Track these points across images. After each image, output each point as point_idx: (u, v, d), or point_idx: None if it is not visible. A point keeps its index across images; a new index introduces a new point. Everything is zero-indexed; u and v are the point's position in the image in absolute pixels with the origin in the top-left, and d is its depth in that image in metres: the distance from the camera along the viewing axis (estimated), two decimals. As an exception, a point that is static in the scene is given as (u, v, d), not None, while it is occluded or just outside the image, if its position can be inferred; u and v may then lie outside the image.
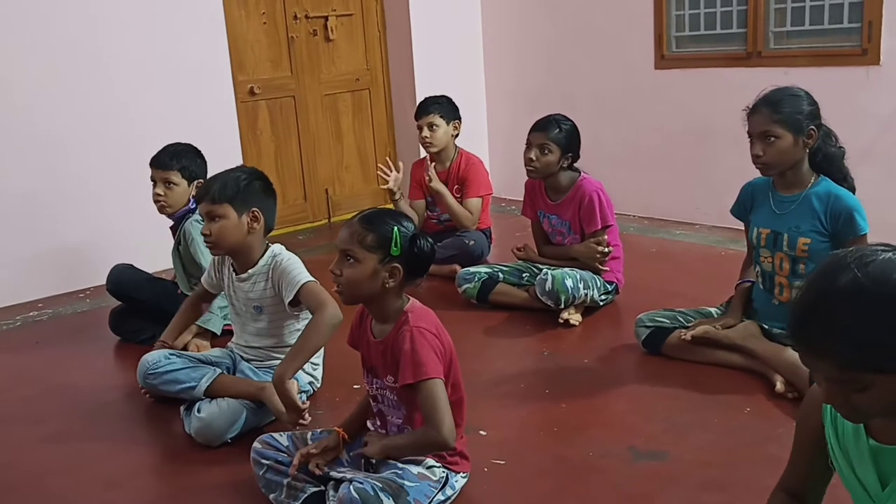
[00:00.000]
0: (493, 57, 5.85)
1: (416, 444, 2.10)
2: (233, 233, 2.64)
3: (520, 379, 2.99)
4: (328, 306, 2.49)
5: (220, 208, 2.62)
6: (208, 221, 2.64)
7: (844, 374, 1.23)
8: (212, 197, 2.62)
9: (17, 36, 4.12)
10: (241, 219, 2.64)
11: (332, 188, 5.61)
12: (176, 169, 3.32)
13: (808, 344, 1.26)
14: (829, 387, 1.28)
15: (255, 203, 2.67)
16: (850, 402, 1.27)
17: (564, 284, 3.37)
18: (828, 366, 1.24)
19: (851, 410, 1.30)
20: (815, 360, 1.26)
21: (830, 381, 1.27)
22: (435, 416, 2.02)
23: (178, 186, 3.30)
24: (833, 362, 1.23)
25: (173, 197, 3.32)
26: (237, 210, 2.63)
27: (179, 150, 3.37)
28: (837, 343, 1.21)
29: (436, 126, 4.25)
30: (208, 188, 2.65)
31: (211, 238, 2.64)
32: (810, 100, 2.66)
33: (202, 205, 2.66)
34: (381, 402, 2.19)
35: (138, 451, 2.64)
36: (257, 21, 5.10)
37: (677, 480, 2.24)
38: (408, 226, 2.08)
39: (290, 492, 2.14)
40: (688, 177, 4.93)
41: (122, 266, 3.66)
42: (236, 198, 2.63)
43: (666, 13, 4.83)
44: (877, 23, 4.01)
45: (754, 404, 2.63)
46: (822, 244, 2.67)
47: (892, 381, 1.22)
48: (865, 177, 2.81)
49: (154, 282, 3.66)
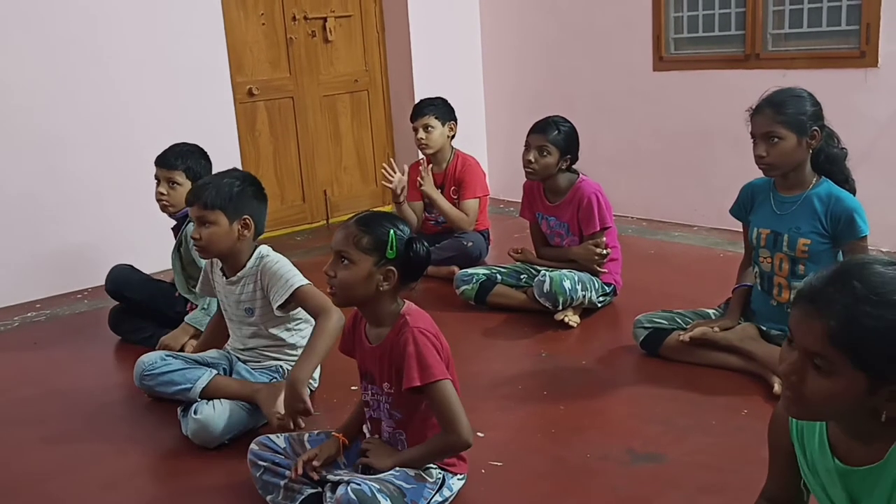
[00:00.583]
0: (492, 58, 5.86)
1: (433, 453, 2.09)
2: (222, 239, 2.64)
3: (518, 381, 2.98)
4: (332, 311, 2.45)
5: (212, 214, 2.61)
6: (199, 226, 2.63)
7: (826, 347, 1.23)
8: (204, 202, 2.60)
9: (15, 37, 4.12)
10: (232, 226, 2.64)
11: (330, 189, 5.61)
12: (181, 169, 3.30)
13: (819, 300, 1.24)
14: (800, 358, 1.27)
15: (246, 210, 2.66)
16: (804, 383, 1.27)
17: (562, 286, 3.37)
18: (818, 330, 1.23)
19: (798, 396, 1.29)
20: (810, 321, 1.25)
21: (806, 351, 1.26)
22: (452, 417, 2.03)
23: (182, 187, 3.27)
24: (826, 330, 1.22)
25: (176, 197, 3.29)
26: (228, 217, 2.62)
27: (185, 150, 3.35)
28: (846, 311, 1.21)
29: (431, 128, 4.25)
30: (200, 192, 2.63)
31: (200, 242, 2.63)
32: (813, 100, 2.66)
33: (194, 208, 2.64)
34: (374, 409, 2.18)
35: (136, 453, 2.64)
36: (256, 22, 5.10)
37: (675, 483, 2.23)
38: (404, 229, 2.08)
39: (287, 493, 2.14)
40: (686, 178, 4.93)
41: (121, 266, 3.66)
42: (228, 205, 2.62)
43: (664, 15, 4.84)
44: (875, 25, 4.02)
45: (752, 406, 2.63)
46: (822, 245, 2.68)
47: (858, 381, 1.22)
48: (863, 179, 2.81)
49: (152, 283, 3.65)
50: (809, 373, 1.26)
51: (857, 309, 1.21)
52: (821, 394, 1.26)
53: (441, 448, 2.09)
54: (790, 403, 1.32)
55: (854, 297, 1.21)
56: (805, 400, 1.28)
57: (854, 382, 1.23)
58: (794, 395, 1.30)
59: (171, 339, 3.14)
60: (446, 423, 2.05)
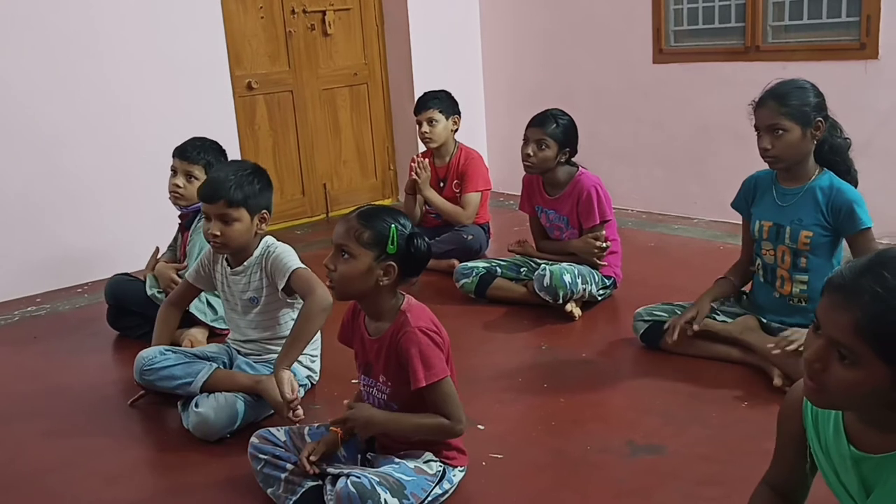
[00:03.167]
0: (491, 52, 5.84)
1: (424, 428, 2.09)
2: (244, 235, 2.65)
3: (518, 373, 2.99)
4: (317, 290, 2.51)
5: (237, 212, 2.61)
6: (220, 223, 2.61)
7: (852, 339, 1.21)
8: (229, 200, 2.59)
9: (12, 33, 4.11)
10: (253, 221, 2.65)
11: (330, 183, 5.61)
12: (201, 164, 3.25)
13: (849, 290, 1.23)
14: (825, 347, 1.26)
15: (265, 204, 2.68)
16: (827, 372, 1.26)
17: (563, 280, 3.36)
18: (846, 320, 1.22)
19: (820, 385, 1.28)
20: (838, 311, 1.23)
21: (832, 340, 1.25)
22: (450, 411, 2.06)
23: (199, 181, 3.19)
24: (853, 321, 1.21)
25: (191, 190, 3.21)
26: (250, 213, 2.64)
27: (207, 144, 3.30)
28: (875, 304, 1.19)
29: (435, 121, 4.25)
30: (221, 189, 2.59)
31: (220, 239, 2.62)
32: (816, 91, 2.66)
33: (215, 205, 2.60)
34: (370, 400, 2.19)
35: (137, 447, 2.64)
36: (255, 16, 5.09)
37: (675, 475, 2.24)
38: (405, 224, 2.07)
39: (287, 486, 2.14)
40: (686, 171, 4.93)
41: (118, 277, 3.58)
42: (250, 200, 2.62)
43: (664, 7, 4.82)
44: (875, 17, 4.01)
45: (752, 398, 2.64)
46: (824, 238, 2.68)
47: (882, 374, 1.21)
48: (864, 171, 2.80)
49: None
50: (833, 362, 1.25)
51: (886, 302, 1.19)
52: (843, 384, 1.25)
53: (433, 427, 2.08)
54: (811, 392, 1.31)
55: (885, 288, 1.20)
56: (827, 389, 1.28)
57: (878, 375, 1.22)
58: (817, 383, 1.29)
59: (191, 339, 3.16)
60: (448, 416, 2.07)
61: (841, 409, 1.38)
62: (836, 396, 1.28)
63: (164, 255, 3.48)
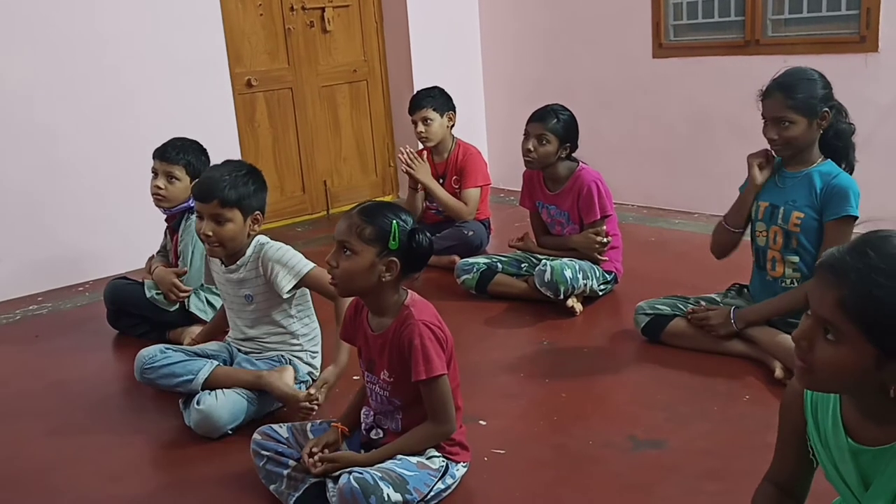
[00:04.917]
0: (491, 47, 5.84)
1: (418, 443, 2.11)
2: (237, 236, 2.64)
3: (519, 369, 2.99)
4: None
5: (230, 212, 2.59)
6: (213, 223, 2.60)
7: (837, 316, 1.23)
8: (222, 200, 2.57)
9: (12, 29, 4.10)
10: (246, 222, 2.64)
11: (330, 180, 5.61)
12: (181, 164, 3.24)
13: (835, 269, 1.24)
14: (813, 325, 1.28)
15: (258, 205, 2.66)
16: (812, 351, 1.27)
17: (563, 275, 3.37)
18: (832, 298, 1.23)
19: (808, 364, 1.29)
20: (824, 289, 1.25)
21: (819, 319, 1.26)
22: (445, 410, 2.08)
23: (181, 182, 3.22)
24: (839, 296, 1.22)
25: (173, 191, 3.24)
26: (244, 214, 2.62)
27: (186, 144, 3.29)
28: (859, 282, 1.21)
29: (430, 120, 4.24)
30: (215, 189, 2.58)
31: (213, 239, 2.61)
32: (824, 82, 2.66)
33: (209, 205, 2.58)
34: (373, 395, 2.20)
35: (140, 444, 2.65)
36: (254, 13, 5.08)
37: (677, 469, 2.24)
38: (407, 220, 2.07)
39: (290, 483, 2.15)
40: (686, 166, 4.92)
41: (116, 281, 3.56)
42: (243, 201, 2.61)
43: (663, 2, 4.81)
44: (875, 10, 4.00)
45: (753, 392, 2.64)
46: (814, 221, 2.68)
47: (866, 354, 1.22)
48: (864, 164, 2.81)
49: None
50: (819, 340, 1.26)
51: (870, 279, 1.20)
52: (828, 362, 1.26)
53: (425, 437, 2.11)
54: (800, 372, 1.33)
55: (869, 267, 1.21)
56: (813, 368, 1.29)
57: (862, 354, 1.22)
58: (804, 363, 1.30)
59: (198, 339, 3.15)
60: (436, 414, 2.08)
61: (830, 390, 1.39)
62: (823, 375, 1.29)
63: (156, 261, 3.47)
